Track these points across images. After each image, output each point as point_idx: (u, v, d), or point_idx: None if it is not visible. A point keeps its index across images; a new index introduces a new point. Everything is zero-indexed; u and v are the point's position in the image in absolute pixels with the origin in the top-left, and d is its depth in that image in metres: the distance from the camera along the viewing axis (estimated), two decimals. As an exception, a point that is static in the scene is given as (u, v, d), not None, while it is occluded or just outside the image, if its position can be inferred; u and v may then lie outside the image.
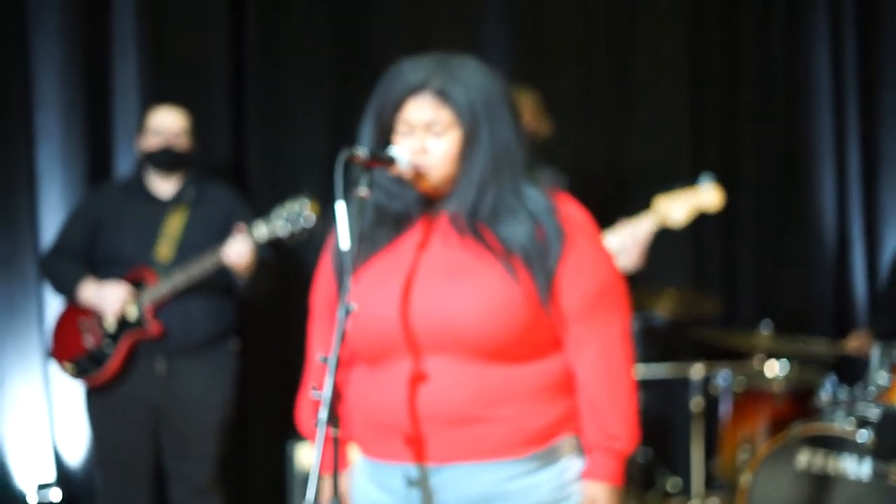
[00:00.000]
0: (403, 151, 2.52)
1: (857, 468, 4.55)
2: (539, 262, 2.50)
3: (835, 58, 6.32)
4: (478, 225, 2.53)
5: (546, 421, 2.55)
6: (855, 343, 5.64)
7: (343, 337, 2.34)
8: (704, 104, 6.36)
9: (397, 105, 2.54)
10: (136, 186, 4.86)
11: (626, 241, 4.46)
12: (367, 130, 2.60)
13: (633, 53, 6.28)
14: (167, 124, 4.80)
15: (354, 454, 2.71)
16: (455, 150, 2.53)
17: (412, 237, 2.61)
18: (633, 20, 6.28)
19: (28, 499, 5.20)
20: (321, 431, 2.28)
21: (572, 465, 2.59)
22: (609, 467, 2.57)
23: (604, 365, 2.57)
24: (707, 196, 4.47)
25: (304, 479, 4.92)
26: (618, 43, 6.25)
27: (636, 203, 5.99)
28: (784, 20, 6.36)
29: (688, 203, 4.44)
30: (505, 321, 2.47)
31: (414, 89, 2.52)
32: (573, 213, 2.60)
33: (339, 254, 2.65)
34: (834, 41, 6.31)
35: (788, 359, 5.61)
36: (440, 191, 2.58)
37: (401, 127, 2.54)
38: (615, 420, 2.56)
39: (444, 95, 2.51)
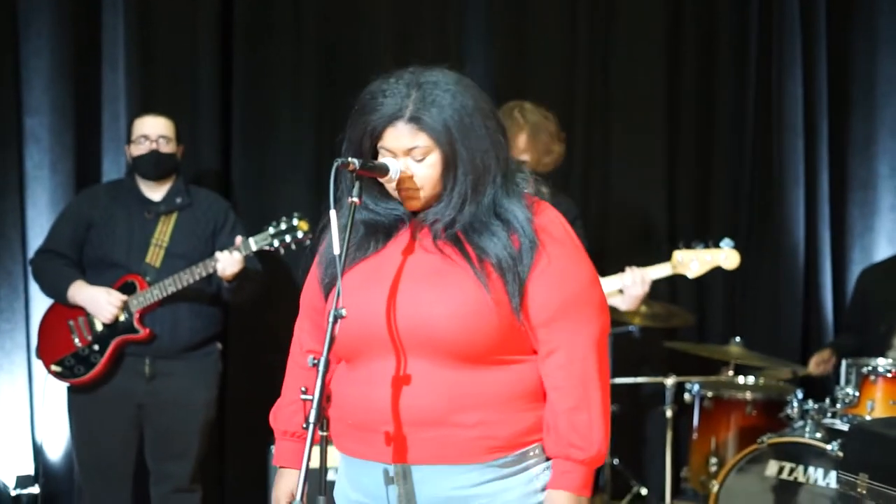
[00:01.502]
0: (395, 161, 2.55)
1: (824, 479, 4.65)
2: (512, 270, 2.52)
3: (807, 87, 6.43)
4: (456, 233, 2.57)
5: (516, 429, 2.56)
6: (816, 366, 5.76)
7: (332, 341, 2.39)
8: (680, 128, 6.47)
9: (375, 135, 2.56)
10: (127, 191, 4.91)
11: (636, 288, 4.67)
12: (348, 154, 2.59)
13: (611, 80, 6.38)
14: (152, 129, 4.85)
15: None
16: (437, 171, 2.56)
17: (395, 243, 2.65)
18: (612, 55, 6.39)
19: (10, 493, 5.24)
20: (311, 432, 2.33)
21: (543, 473, 2.60)
22: (570, 477, 2.54)
23: (567, 374, 2.56)
24: (725, 257, 4.73)
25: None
26: (596, 75, 6.36)
27: (616, 232, 6.11)
28: (759, 51, 6.46)
29: (707, 261, 4.71)
30: (476, 327, 2.50)
31: (389, 119, 2.53)
32: (547, 221, 2.62)
33: (324, 260, 2.72)
34: (806, 72, 6.42)
35: (757, 372, 5.72)
36: (427, 206, 2.62)
37: (383, 154, 2.57)
38: (571, 429, 2.54)
39: (418, 122, 2.52)
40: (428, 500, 2.57)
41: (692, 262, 4.78)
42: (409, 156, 2.55)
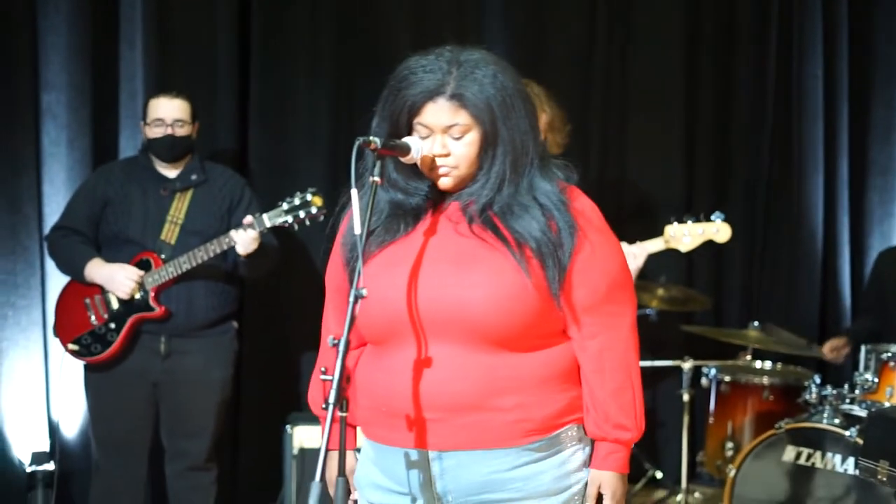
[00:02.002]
0: (417, 140, 2.52)
1: (842, 465, 4.63)
2: (552, 255, 2.50)
3: (827, 71, 6.41)
4: (490, 215, 2.55)
5: (550, 411, 2.56)
6: (831, 351, 5.73)
7: (352, 321, 2.35)
8: (698, 113, 6.45)
9: (414, 111, 2.53)
10: (143, 168, 4.89)
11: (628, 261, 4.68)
12: (381, 129, 2.57)
13: (630, 62, 6.37)
14: (166, 113, 4.81)
15: (361, 437, 2.74)
16: (475, 150, 2.53)
17: (425, 225, 2.62)
18: (631, 40, 6.37)
19: (26, 469, 5.24)
20: (330, 413, 2.29)
21: (575, 454, 2.62)
22: (615, 457, 2.60)
23: (609, 357, 2.58)
24: (717, 230, 4.74)
25: (300, 459, 5.00)
26: (614, 54, 6.34)
27: (632, 216, 6.11)
28: (779, 35, 6.44)
29: (699, 234, 4.75)
30: (513, 311, 2.48)
31: (430, 95, 2.50)
32: (585, 207, 2.61)
33: (348, 242, 2.67)
34: (827, 55, 6.41)
35: (775, 357, 5.70)
36: (459, 188, 2.60)
37: (420, 130, 2.53)
38: (619, 411, 2.57)
39: (460, 99, 2.49)
40: (464, 486, 2.57)
41: (684, 236, 4.81)
42: (448, 133, 2.53)
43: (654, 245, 4.84)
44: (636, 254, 4.77)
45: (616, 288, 2.60)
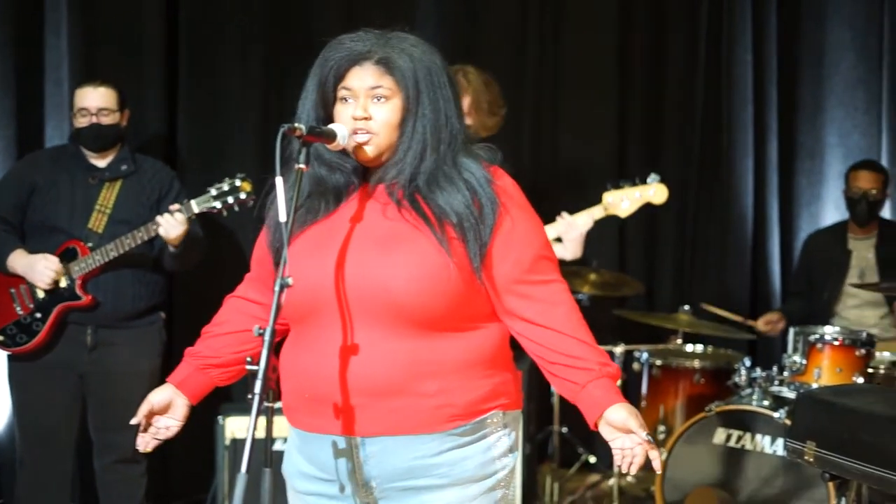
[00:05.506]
0: (343, 127, 2.51)
1: (772, 446, 4.67)
2: (473, 230, 2.50)
3: (757, 55, 6.47)
4: (415, 195, 2.53)
5: (473, 396, 2.54)
6: (765, 325, 5.79)
7: (278, 310, 2.32)
8: (629, 96, 6.49)
9: (339, 75, 2.54)
10: (71, 156, 4.82)
11: (570, 233, 4.68)
12: (307, 102, 2.59)
13: (562, 44, 6.38)
14: (91, 102, 4.75)
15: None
16: (396, 117, 2.53)
17: (350, 206, 2.60)
18: (563, 13, 6.39)
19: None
20: (255, 404, 2.27)
21: (500, 440, 2.60)
22: (616, 391, 2.53)
23: (556, 314, 2.55)
24: (654, 192, 4.75)
25: (231, 449, 4.95)
26: (546, 34, 6.35)
27: (563, 197, 6.14)
28: (709, 18, 6.49)
29: (637, 198, 4.75)
30: (435, 291, 2.47)
31: (357, 59, 2.52)
32: (507, 185, 2.60)
33: (273, 224, 2.66)
34: (756, 40, 6.46)
35: (706, 341, 5.74)
36: (379, 160, 2.58)
37: (342, 94, 2.55)
38: (594, 354, 2.53)
39: (387, 64, 2.51)
40: (389, 472, 2.55)
41: (622, 201, 4.82)
42: (372, 95, 2.53)
43: (594, 213, 4.83)
44: (573, 224, 4.75)
45: (541, 259, 2.58)
